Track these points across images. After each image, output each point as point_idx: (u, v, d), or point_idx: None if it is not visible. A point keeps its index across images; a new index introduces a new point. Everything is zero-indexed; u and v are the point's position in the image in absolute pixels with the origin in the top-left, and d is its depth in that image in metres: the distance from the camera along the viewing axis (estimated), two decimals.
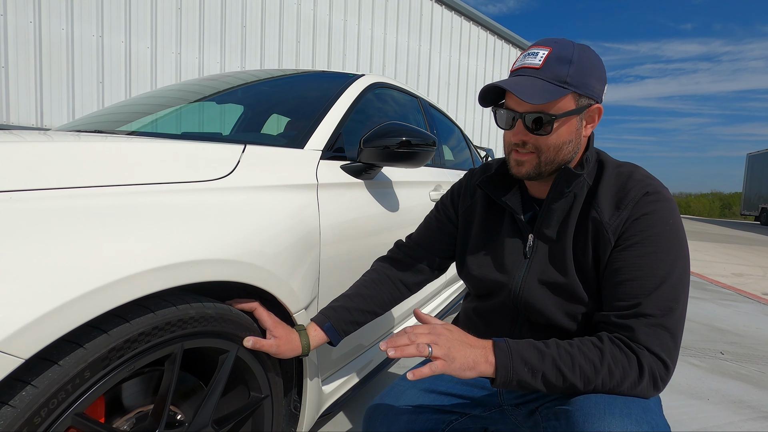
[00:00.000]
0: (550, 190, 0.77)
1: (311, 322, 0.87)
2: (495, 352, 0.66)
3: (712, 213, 34.26)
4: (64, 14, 4.12)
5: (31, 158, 0.59)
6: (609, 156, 0.81)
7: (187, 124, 1.53)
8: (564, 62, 0.69)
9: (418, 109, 2.02)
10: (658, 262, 0.67)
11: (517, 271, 0.80)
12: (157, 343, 0.60)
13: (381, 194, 1.31)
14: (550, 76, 0.69)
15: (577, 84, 0.69)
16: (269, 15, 5.62)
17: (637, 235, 0.69)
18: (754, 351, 2.43)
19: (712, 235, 11.63)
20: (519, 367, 0.64)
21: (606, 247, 0.71)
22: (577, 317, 0.75)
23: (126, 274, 0.54)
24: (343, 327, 0.88)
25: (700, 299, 3.67)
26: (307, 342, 0.83)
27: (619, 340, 0.66)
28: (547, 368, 0.64)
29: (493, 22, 9.01)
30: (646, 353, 0.64)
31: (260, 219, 0.81)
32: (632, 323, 0.66)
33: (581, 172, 0.74)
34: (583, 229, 0.75)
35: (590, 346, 0.66)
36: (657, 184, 0.73)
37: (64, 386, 0.49)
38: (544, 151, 0.73)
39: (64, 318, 0.47)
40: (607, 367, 0.64)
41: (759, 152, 19.92)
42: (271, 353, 0.77)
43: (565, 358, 0.65)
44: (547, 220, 0.78)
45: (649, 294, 0.66)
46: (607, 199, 0.73)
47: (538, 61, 0.70)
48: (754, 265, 6.12)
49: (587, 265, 0.74)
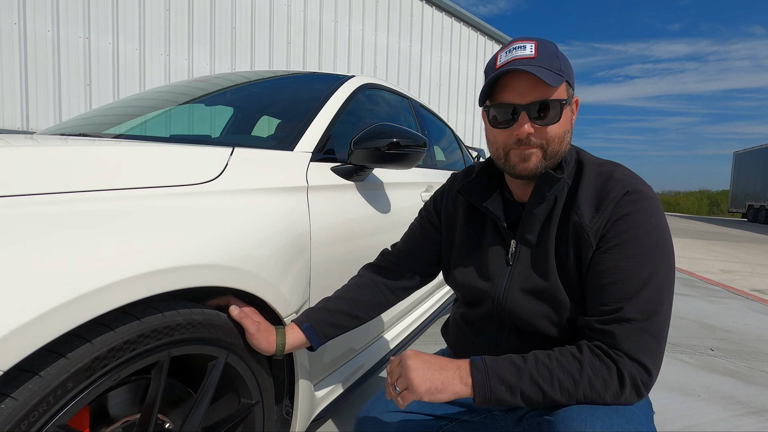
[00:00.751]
0: (532, 194, 0.74)
1: (291, 323, 0.85)
2: (472, 372, 0.65)
3: (700, 210, 34.75)
4: (49, 16, 4.06)
5: (12, 163, 0.57)
6: (589, 154, 0.78)
7: (176, 127, 1.51)
8: (552, 53, 0.69)
9: (408, 110, 2.02)
10: (640, 264, 0.65)
11: (500, 280, 0.79)
12: (143, 351, 0.59)
13: (372, 196, 1.31)
14: (548, 65, 0.68)
15: (567, 73, 0.70)
16: (259, 16, 5.59)
17: (618, 237, 0.67)
18: (743, 347, 2.46)
19: (700, 232, 11.79)
20: (496, 385, 0.63)
21: (588, 251, 0.70)
22: (562, 323, 0.73)
23: (110, 281, 0.52)
24: (323, 329, 0.85)
25: (690, 296, 3.71)
26: (283, 341, 0.80)
27: (598, 349, 0.64)
28: (525, 384, 0.63)
29: (484, 22, 9.06)
30: (626, 361, 0.63)
31: (249, 222, 0.80)
32: (614, 329, 0.64)
33: (561, 176, 0.72)
34: (564, 233, 0.73)
35: (569, 357, 0.65)
36: (638, 183, 0.71)
37: (45, 398, 0.48)
38: (551, 143, 0.71)
39: (45, 327, 0.46)
40: (587, 379, 0.62)
41: (745, 150, 20.26)
42: (249, 332, 0.75)
43: (543, 373, 0.63)
44: (529, 225, 0.76)
45: (631, 297, 0.64)
46: (587, 200, 0.71)
47: (530, 52, 0.69)
48: (741, 261, 6.21)
49: (570, 269, 0.72)
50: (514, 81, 0.69)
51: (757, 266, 5.78)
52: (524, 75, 0.68)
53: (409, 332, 1.61)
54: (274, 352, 0.80)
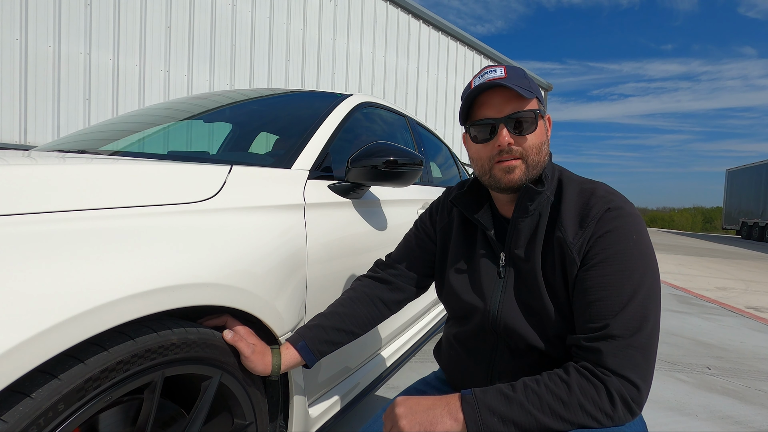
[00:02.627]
0: (515, 208, 0.77)
1: (286, 342, 0.84)
2: (462, 406, 0.64)
3: (694, 227, 34.97)
4: (51, 32, 4.11)
5: (8, 182, 0.57)
6: (571, 173, 0.81)
7: (175, 143, 1.52)
8: (521, 76, 0.76)
9: (405, 127, 2.04)
10: (623, 280, 0.66)
11: (494, 293, 0.80)
12: (137, 372, 0.58)
13: (369, 213, 1.31)
14: (518, 83, 0.73)
15: (536, 91, 0.76)
16: (259, 34, 5.68)
17: (600, 254, 0.69)
18: (739, 365, 2.45)
19: (695, 249, 11.85)
20: (488, 417, 0.63)
21: (572, 268, 0.71)
22: (555, 339, 0.74)
23: (105, 300, 0.52)
24: (318, 347, 0.85)
25: (685, 313, 3.71)
26: (278, 362, 0.80)
27: (585, 369, 0.64)
28: (516, 413, 0.63)
29: (479, 41, 9.26)
30: (613, 379, 0.63)
31: (246, 241, 0.80)
32: (600, 346, 0.64)
33: (542, 189, 0.76)
34: (550, 250, 0.74)
35: (557, 380, 0.64)
36: (619, 200, 0.73)
37: (36, 420, 0.47)
38: (530, 153, 0.75)
39: (37, 348, 0.46)
40: (576, 400, 0.62)
41: (738, 168, 20.53)
42: (244, 355, 0.75)
43: (532, 399, 0.63)
44: (515, 239, 0.78)
45: (616, 314, 0.65)
46: (570, 217, 0.73)
47: (501, 74, 0.75)
48: (736, 278, 6.23)
49: (558, 285, 0.73)
50: (490, 98, 0.75)
51: (752, 283, 5.80)
52: (499, 91, 0.74)
53: (405, 350, 1.60)
54: (270, 374, 0.79)
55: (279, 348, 0.83)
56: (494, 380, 0.80)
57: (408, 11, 7.73)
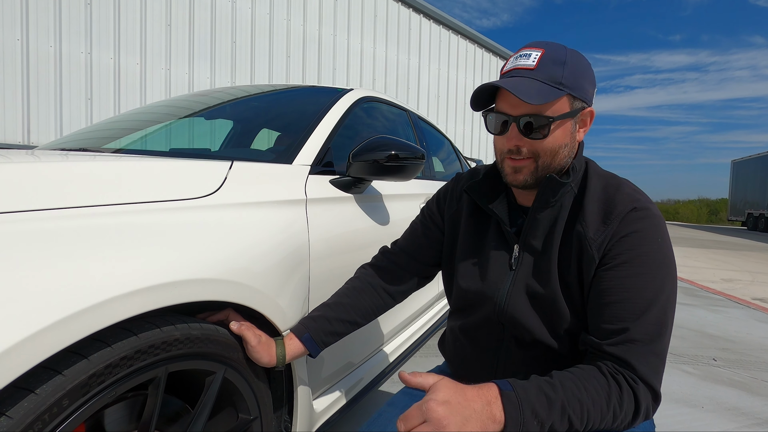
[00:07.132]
0: (536, 199, 0.73)
1: (289, 332, 0.84)
2: (504, 406, 0.55)
3: (700, 219, 34.74)
4: (52, 32, 4.12)
5: (10, 179, 0.57)
6: (598, 166, 0.78)
7: (176, 141, 1.52)
8: (558, 63, 0.68)
9: (407, 122, 2.03)
10: (646, 284, 0.64)
11: (502, 284, 0.77)
12: (140, 368, 0.59)
13: (371, 208, 1.31)
14: (546, 77, 0.67)
15: (572, 86, 0.68)
16: (259, 31, 5.66)
17: (624, 254, 0.66)
18: (746, 357, 2.44)
19: (700, 240, 11.78)
20: (529, 420, 0.55)
21: (590, 264, 0.68)
22: (562, 334, 0.72)
23: (108, 296, 0.52)
24: (322, 338, 0.84)
25: (691, 305, 3.69)
26: (283, 353, 0.80)
27: (621, 377, 0.62)
28: (556, 417, 0.57)
29: (481, 35, 9.19)
30: (641, 386, 0.61)
31: (247, 236, 0.80)
32: (628, 355, 0.62)
33: (567, 181, 0.71)
34: (568, 243, 0.72)
35: (597, 387, 0.60)
36: (645, 200, 0.70)
37: (40, 416, 0.48)
38: (542, 155, 0.70)
39: (40, 344, 0.46)
40: (612, 412, 0.60)
41: (743, 159, 20.36)
42: (251, 344, 0.75)
43: (574, 405, 0.58)
44: (532, 231, 0.75)
45: (637, 318, 0.63)
46: (593, 212, 0.70)
47: (531, 62, 0.68)
48: (742, 270, 6.20)
49: (572, 280, 0.71)
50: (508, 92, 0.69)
51: (758, 275, 5.76)
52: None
53: (408, 345, 1.60)
54: (275, 365, 0.79)
55: (283, 339, 0.83)
56: (499, 373, 0.79)
57: (409, 6, 7.68)
